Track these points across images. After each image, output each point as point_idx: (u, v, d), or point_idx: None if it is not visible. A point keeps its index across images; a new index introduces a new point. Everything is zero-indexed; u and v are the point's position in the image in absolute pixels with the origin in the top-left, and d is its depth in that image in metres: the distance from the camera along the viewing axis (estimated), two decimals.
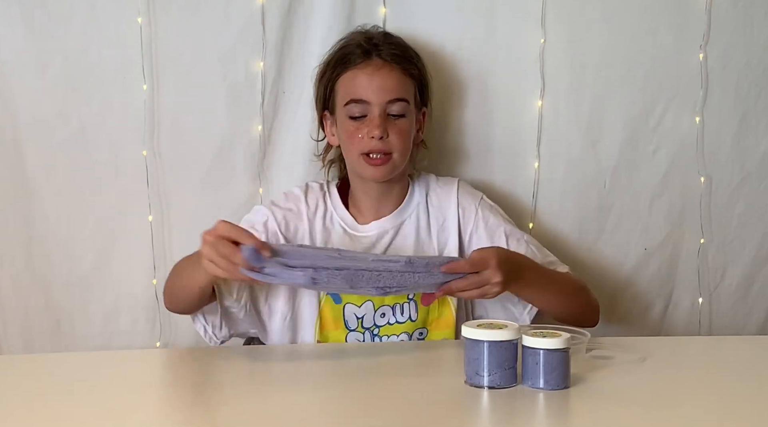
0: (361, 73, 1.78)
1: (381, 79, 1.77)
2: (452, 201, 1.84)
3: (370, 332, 1.76)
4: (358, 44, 1.81)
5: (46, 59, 1.90)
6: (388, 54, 1.79)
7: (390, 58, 1.79)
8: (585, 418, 1.35)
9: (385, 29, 1.93)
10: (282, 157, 1.99)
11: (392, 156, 1.76)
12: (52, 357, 1.77)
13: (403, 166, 1.81)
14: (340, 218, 1.82)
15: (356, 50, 1.80)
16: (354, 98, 1.77)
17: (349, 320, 1.76)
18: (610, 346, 1.62)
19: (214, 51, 1.93)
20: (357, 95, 1.77)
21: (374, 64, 1.78)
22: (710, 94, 2.02)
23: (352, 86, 1.78)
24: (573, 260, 2.04)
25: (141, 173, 1.94)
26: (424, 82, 1.85)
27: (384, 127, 1.75)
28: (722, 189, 2.06)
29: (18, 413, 1.33)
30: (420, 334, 1.78)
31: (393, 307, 1.76)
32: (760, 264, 2.10)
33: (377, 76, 1.77)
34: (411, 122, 1.80)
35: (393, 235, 1.81)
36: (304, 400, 1.41)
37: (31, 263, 1.95)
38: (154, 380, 1.56)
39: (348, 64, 1.79)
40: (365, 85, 1.76)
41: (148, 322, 1.98)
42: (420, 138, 1.87)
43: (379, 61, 1.78)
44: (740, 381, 1.48)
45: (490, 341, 1.38)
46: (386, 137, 1.75)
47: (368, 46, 1.80)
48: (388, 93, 1.76)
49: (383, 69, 1.77)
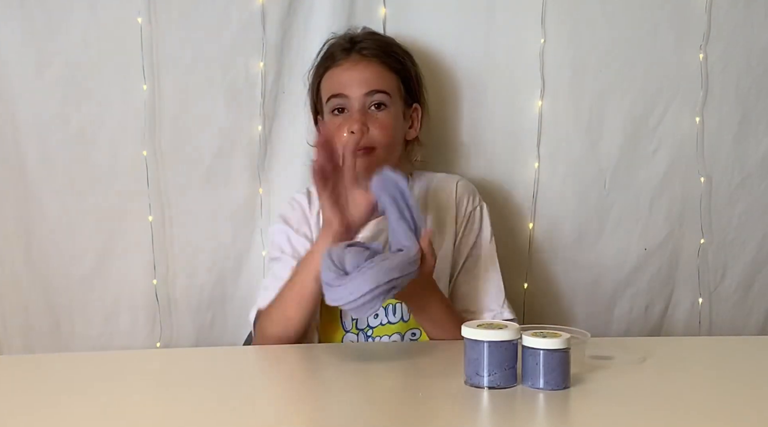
0: (339, 69, 1.80)
1: (358, 72, 1.79)
2: (450, 199, 1.84)
3: (364, 334, 1.77)
4: (339, 44, 1.83)
5: (46, 59, 1.90)
6: (367, 48, 1.81)
7: (368, 52, 1.81)
8: (585, 418, 1.35)
9: (385, 29, 1.93)
10: (282, 157, 1.99)
11: (375, 151, 1.76)
12: (52, 357, 1.77)
13: (392, 160, 1.78)
14: None
15: (337, 50, 1.82)
16: (333, 93, 1.79)
17: (346, 321, 1.76)
18: (610, 346, 1.61)
19: (214, 51, 1.93)
20: (335, 90, 1.79)
21: (352, 60, 1.80)
22: (710, 94, 2.02)
23: (332, 82, 1.80)
24: (573, 260, 2.05)
25: (141, 173, 1.94)
26: (410, 78, 1.85)
27: (363, 120, 1.75)
28: (722, 189, 2.06)
29: (18, 413, 1.33)
30: (413, 334, 1.78)
31: (386, 308, 1.76)
32: (760, 264, 2.10)
33: (355, 69, 1.79)
34: (394, 115, 1.80)
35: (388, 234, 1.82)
36: (304, 400, 1.41)
37: (31, 263, 1.95)
38: (154, 380, 1.56)
39: (329, 62, 1.82)
40: (344, 81, 1.79)
41: (148, 322, 1.98)
42: (414, 135, 1.87)
43: (357, 56, 1.81)
44: (740, 381, 1.48)
45: (490, 341, 1.38)
46: (367, 132, 1.75)
47: (348, 45, 1.82)
48: (365, 85, 1.77)
49: (361, 63, 1.80)
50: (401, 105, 1.82)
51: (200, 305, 1.98)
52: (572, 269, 2.05)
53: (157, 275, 1.96)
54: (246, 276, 1.98)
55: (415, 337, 1.78)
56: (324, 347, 1.75)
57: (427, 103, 1.90)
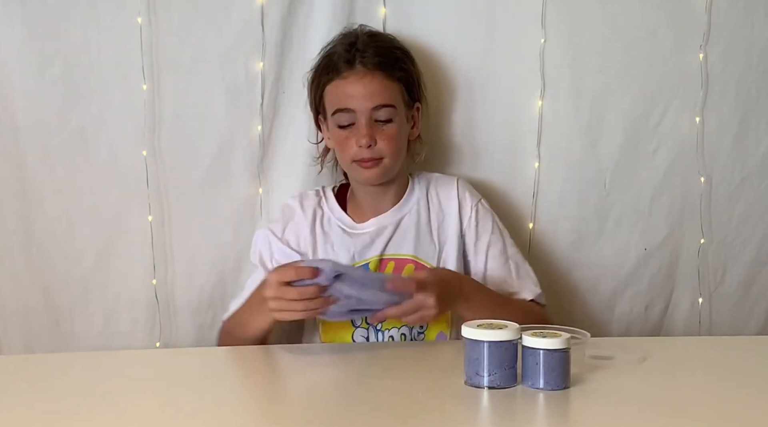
0: (344, 82, 1.79)
1: (364, 87, 1.78)
2: (452, 198, 1.85)
3: (374, 328, 1.78)
4: (341, 53, 1.81)
5: (46, 59, 1.90)
6: (371, 61, 1.79)
7: (372, 65, 1.79)
8: (585, 418, 1.35)
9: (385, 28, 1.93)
10: (282, 157, 1.99)
11: (383, 160, 1.78)
12: (52, 357, 1.77)
13: (398, 167, 1.83)
14: (338, 219, 1.84)
15: (339, 60, 1.81)
16: (339, 108, 1.79)
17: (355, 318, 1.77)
18: (610, 346, 1.61)
19: (214, 51, 1.93)
20: (342, 105, 1.79)
21: (356, 73, 1.79)
22: (710, 94, 2.02)
23: (337, 96, 1.80)
24: (573, 260, 2.05)
25: (141, 173, 1.94)
26: (412, 80, 1.85)
27: (371, 135, 1.76)
28: (722, 189, 2.06)
29: (18, 413, 1.33)
30: (420, 326, 1.79)
31: None
32: (760, 264, 2.09)
33: (360, 84, 1.78)
34: (400, 126, 1.81)
35: (392, 230, 1.82)
36: (304, 400, 1.41)
37: (31, 263, 1.95)
38: (154, 380, 1.56)
39: (332, 73, 1.81)
40: (349, 94, 1.78)
41: (148, 322, 1.98)
42: (416, 134, 1.88)
43: (361, 70, 1.79)
44: (740, 381, 1.48)
45: (490, 341, 1.38)
46: (374, 145, 1.77)
47: (350, 55, 1.80)
48: (372, 100, 1.77)
49: (366, 77, 1.78)
50: (405, 111, 1.83)
51: (200, 305, 1.98)
52: (572, 269, 2.05)
53: (157, 275, 1.96)
54: (246, 276, 1.97)
55: (422, 329, 1.79)
56: (324, 347, 1.76)
57: (426, 97, 1.90)
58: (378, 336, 1.78)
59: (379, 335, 1.78)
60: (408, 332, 1.79)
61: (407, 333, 1.79)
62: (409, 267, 1.80)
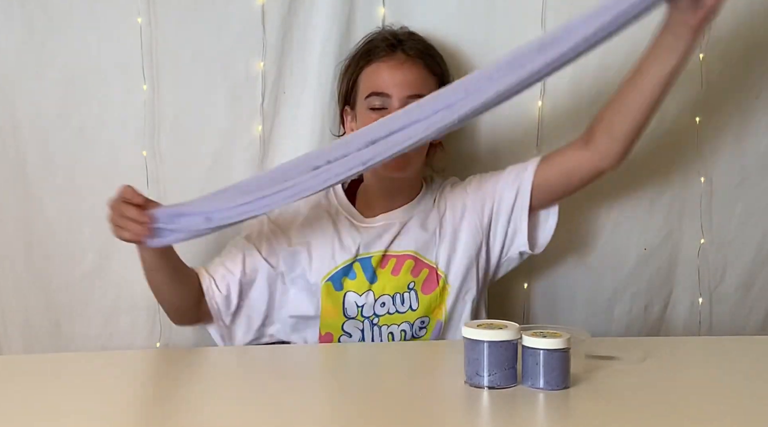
0: (384, 65, 1.79)
1: (403, 73, 1.78)
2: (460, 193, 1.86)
3: (370, 322, 1.77)
4: (384, 38, 1.83)
5: (46, 59, 1.90)
6: (413, 49, 1.80)
7: (414, 53, 1.80)
8: (585, 418, 1.35)
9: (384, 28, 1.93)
10: (282, 157, 1.98)
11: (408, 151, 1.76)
12: (52, 357, 1.77)
13: (419, 163, 1.83)
14: (346, 211, 1.84)
15: (381, 44, 1.81)
16: (375, 91, 1.78)
17: (349, 308, 1.77)
18: (610, 346, 1.62)
19: (214, 51, 1.93)
20: (378, 88, 1.78)
21: (398, 58, 1.79)
22: (710, 95, 2.02)
23: (374, 79, 1.79)
24: (573, 259, 2.05)
25: (141, 173, 1.94)
26: (446, 81, 1.84)
27: None
28: (722, 189, 2.06)
29: (18, 413, 1.34)
30: (422, 322, 1.79)
31: (393, 296, 1.77)
32: (760, 264, 2.10)
33: (399, 70, 1.78)
34: None
35: (399, 228, 1.82)
36: (304, 400, 1.41)
37: (31, 263, 1.95)
38: (154, 380, 1.56)
39: (372, 57, 1.81)
40: (387, 78, 1.78)
41: (148, 322, 1.98)
42: (439, 139, 1.86)
43: (402, 56, 1.79)
44: (740, 381, 1.48)
45: (490, 341, 1.38)
46: None
47: (393, 41, 1.81)
48: (408, 87, 1.77)
49: (406, 63, 1.79)
50: None
51: None
52: (572, 268, 2.05)
53: None
54: None
55: (424, 324, 1.79)
56: (325, 347, 1.76)
57: None
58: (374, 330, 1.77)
59: (374, 330, 1.77)
60: (409, 330, 1.78)
61: (407, 330, 1.78)
62: (408, 263, 1.80)
